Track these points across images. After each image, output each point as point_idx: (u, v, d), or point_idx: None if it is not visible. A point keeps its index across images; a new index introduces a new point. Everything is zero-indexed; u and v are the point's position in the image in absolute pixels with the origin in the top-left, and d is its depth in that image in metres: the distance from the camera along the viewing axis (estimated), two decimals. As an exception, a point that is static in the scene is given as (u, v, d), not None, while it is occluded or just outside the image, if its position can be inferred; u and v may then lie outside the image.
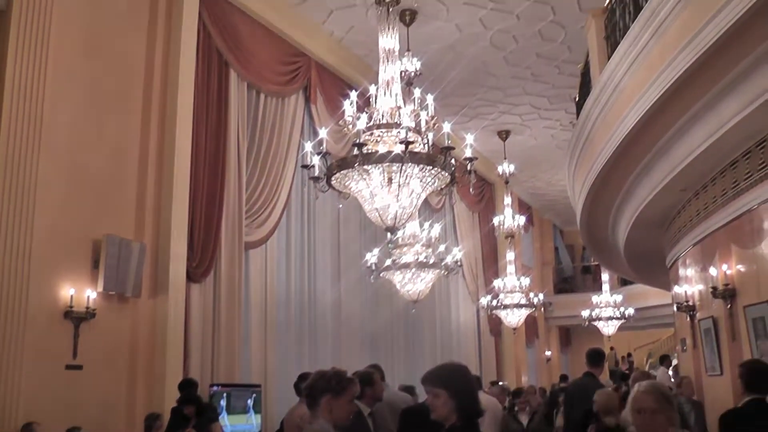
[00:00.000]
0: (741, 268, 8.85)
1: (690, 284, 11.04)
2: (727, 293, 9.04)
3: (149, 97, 10.04)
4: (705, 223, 9.82)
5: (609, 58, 9.31)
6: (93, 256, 8.95)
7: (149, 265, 9.57)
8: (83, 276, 8.82)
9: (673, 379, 15.70)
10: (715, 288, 9.27)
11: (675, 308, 12.10)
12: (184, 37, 10.30)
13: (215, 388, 10.03)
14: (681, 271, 11.61)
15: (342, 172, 7.47)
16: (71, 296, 8.55)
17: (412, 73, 11.73)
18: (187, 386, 8.73)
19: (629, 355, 27.97)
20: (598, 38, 10.52)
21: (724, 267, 9.15)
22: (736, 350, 9.01)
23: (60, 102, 8.74)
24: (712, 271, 9.53)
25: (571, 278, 30.36)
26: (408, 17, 12.56)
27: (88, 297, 8.71)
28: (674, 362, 16.76)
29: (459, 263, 12.24)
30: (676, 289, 12.03)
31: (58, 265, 8.57)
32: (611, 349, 27.18)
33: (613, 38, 9.79)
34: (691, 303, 10.93)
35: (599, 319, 22.81)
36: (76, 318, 8.58)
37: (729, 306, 9.07)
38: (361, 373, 6.28)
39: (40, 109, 8.40)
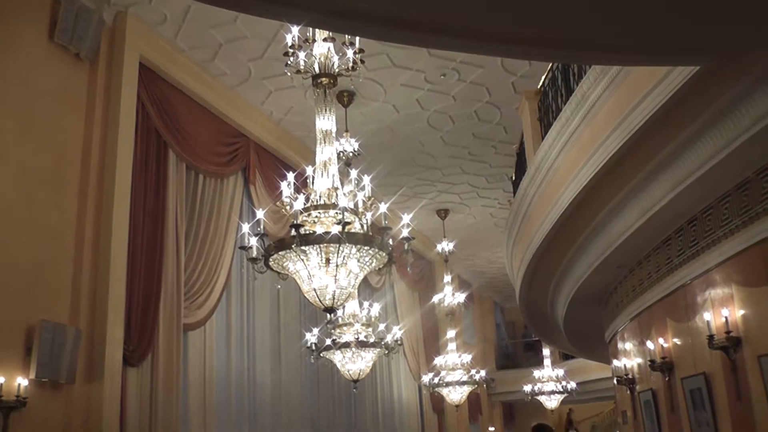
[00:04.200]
0: (677, 341, 8.99)
1: (629, 358, 11.15)
2: (664, 366, 9.18)
3: (86, 178, 9.86)
4: (641, 299, 9.99)
5: (543, 139, 9.51)
6: (26, 343, 8.66)
7: (84, 350, 9.29)
8: (14, 363, 8.50)
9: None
10: (653, 361, 9.40)
11: (615, 381, 12.19)
12: (123, 117, 10.21)
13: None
14: (620, 345, 11.74)
15: (280, 253, 7.46)
16: (1, 385, 8.24)
17: (351, 154, 11.82)
18: None
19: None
20: (532, 119, 10.74)
21: (661, 341, 9.29)
22: (675, 421, 9.13)
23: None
24: (650, 344, 9.67)
25: (513, 354, 30.45)
26: (346, 98, 12.70)
27: (19, 385, 8.40)
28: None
29: (400, 342, 12.23)
30: (616, 362, 12.15)
31: (-12, 353, 8.30)
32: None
33: (546, 120, 10.01)
34: (630, 376, 11.04)
35: (542, 393, 22.87)
36: (6, 407, 8.21)
37: (667, 378, 9.21)
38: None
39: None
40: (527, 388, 22.98)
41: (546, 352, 23.62)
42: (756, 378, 6.97)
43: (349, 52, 7.87)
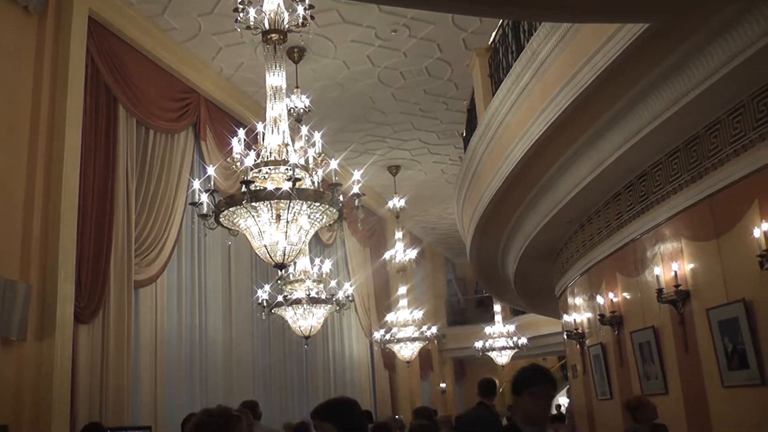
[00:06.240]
0: (626, 295, 9.13)
1: (579, 313, 11.30)
2: (614, 320, 9.32)
3: (36, 134, 9.66)
4: (591, 254, 10.10)
5: (493, 96, 9.52)
6: (-25, 300, 8.60)
7: (35, 306, 9.18)
8: (-36, 320, 8.44)
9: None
10: (602, 315, 9.54)
11: (565, 336, 12.35)
12: (72, 72, 10.02)
13: None
14: (570, 300, 11.88)
15: (230, 209, 7.44)
16: (-50, 342, 8.18)
17: (301, 110, 11.75)
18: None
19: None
20: (483, 76, 10.74)
21: (611, 295, 9.42)
22: (624, 374, 9.29)
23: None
24: (599, 299, 9.81)
25: (464, 310, 30.60)
26: (296, 54, 12.58)
27: (-31, 342, 8.36)
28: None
29: (351, 298, 12.30)
30: (566, 317, 12.30)
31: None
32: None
33: (496, 76, 10.01)
34: (580, 331, 11.18)
35: (492, 349, 23.09)
36: (-45, 365, 8.22)
37: (616, 332, 9.35)
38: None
39: None
40: (478, 344, 23.19)
41: (497, 308, 23.81)
42: (704, 331, 7.10)
43: (300, 8, 7.82)
